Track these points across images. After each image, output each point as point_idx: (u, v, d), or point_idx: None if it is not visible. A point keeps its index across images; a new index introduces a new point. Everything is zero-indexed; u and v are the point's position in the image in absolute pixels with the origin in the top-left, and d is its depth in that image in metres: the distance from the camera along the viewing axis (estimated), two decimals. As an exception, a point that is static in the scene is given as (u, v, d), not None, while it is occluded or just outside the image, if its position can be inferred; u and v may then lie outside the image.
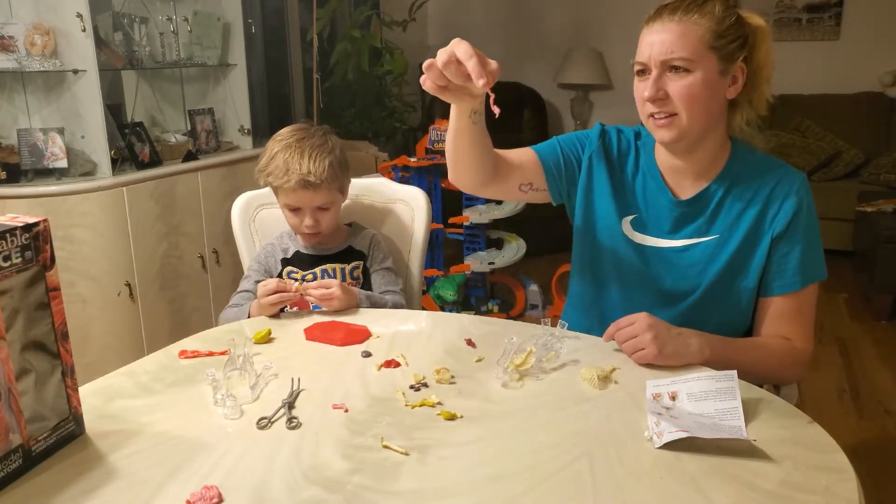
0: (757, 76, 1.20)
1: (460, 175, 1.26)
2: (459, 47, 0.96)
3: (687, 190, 1.27)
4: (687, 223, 1.27)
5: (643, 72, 1.18)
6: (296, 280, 1.53)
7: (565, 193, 1.35)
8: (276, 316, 1.38)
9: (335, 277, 1.54)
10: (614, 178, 1.32)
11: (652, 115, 1.19)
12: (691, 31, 1.14)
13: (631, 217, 1.31)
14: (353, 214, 1.70)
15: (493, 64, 0.97)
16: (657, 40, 1.15)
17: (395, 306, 1.50)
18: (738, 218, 1.24)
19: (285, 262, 1.57)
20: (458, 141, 1.19)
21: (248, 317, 1.42)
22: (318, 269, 1.55)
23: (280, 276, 1.56)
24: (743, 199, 1.24)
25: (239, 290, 1.56)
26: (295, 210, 1.52)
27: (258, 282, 1.53)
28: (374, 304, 1.47)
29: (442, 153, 3.14)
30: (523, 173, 1.32)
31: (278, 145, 1.51)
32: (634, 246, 1.30)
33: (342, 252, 1.58)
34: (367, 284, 1.59)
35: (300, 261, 1.57)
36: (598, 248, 1.34)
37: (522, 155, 1.32)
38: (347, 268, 1.56)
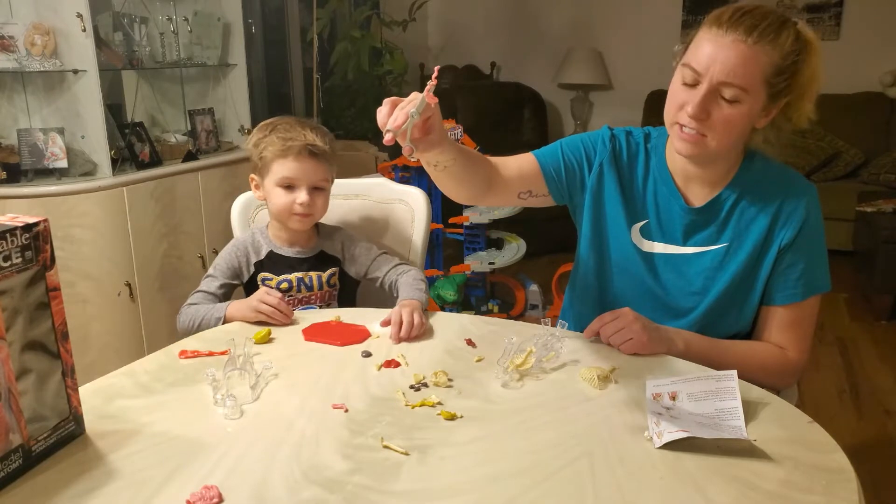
0: (800, 93, 1.14)
1: (448, 194, 1.21)
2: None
3: (699, 197, 1.25)
4: (698, 231, 1.26)
5: (692, 79, 1.10)
6: (269, 287, 1.44)
7: (566, 196, 1.33)
8: (261, 323, 1.32)
9: (312, 286, 1.50)
10: (624, 184, 1.30)
11: (679, 125, 1.14)
12: (758, 61, 1.07)
13: (641, 224, 1.29)
14: (354, 215, 1.70)
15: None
16: (721, 57, 1.07)
17: (422, 281, 1.45)
18: (748, 227, 1.23)
19: (259, 265, 1.50)
20: (433, 175, 1.15)
21: (224, 315, 1.35)
22: (293, 277, 1.48)
23: (253, 281, 1.49)
24: (754, 208, 1.22)
25: (200, 289, 1.47)
26: (289, 187, 1.45)
27: (223, 286, 1.47)
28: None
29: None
30: (522, 181, 1.28)
31: (272, 125, 1.48)
32: (643, 255, 1.29)
33: (316, 256, 1.52)
34: (347, 289, 1.55)
35: (273, 263, 1.50)
36: (605, 256, 1.33)
37: (522, 163, 1.28)
38: (324, 276, 1.51)
